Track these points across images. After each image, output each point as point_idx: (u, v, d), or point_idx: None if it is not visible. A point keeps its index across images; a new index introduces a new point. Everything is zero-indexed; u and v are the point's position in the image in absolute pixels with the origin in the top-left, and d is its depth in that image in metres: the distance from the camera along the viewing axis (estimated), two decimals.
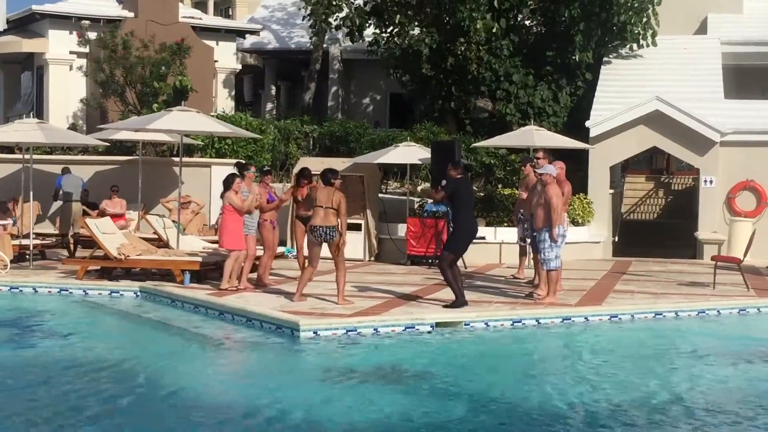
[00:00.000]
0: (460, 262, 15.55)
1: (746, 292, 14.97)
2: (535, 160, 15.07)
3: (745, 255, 15.95)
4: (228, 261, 14.36)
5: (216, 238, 18.60)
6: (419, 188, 19.45)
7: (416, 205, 19.99)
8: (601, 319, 13.21)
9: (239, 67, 30.36)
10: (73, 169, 21.23)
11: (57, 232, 19.55)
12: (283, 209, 16.30)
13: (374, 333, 11.87)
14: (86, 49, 26.20)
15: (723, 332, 13.10)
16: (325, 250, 13.26)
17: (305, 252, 15.67)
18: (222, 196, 14.43)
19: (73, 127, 25.10)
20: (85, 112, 26.70)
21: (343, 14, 25.10)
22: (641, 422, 8.39)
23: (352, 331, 11.80)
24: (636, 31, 23.32)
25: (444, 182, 13.46)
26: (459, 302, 12.94)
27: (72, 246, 18.51)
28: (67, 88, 26.73)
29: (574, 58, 23.13)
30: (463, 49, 22.82)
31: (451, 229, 14.49)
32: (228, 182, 14.34)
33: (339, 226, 13.03)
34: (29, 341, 11.76)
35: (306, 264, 13.80)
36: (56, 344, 11.60)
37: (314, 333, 11.61)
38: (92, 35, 26.16)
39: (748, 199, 20.67)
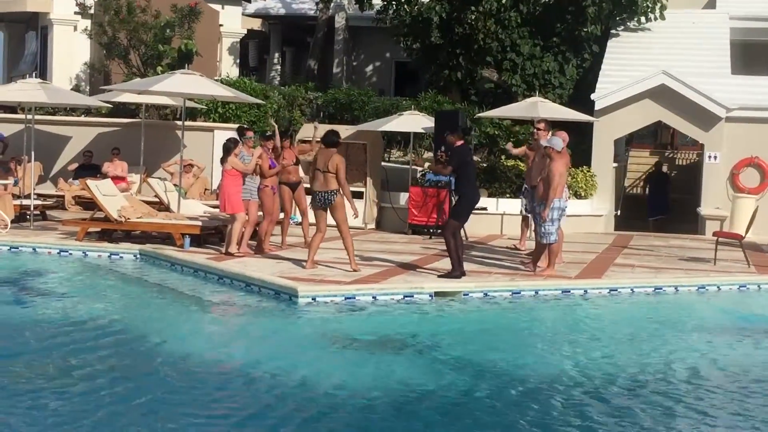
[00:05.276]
0: (461, 233, 15.57)
1: (747, 269, 14.94)
2: (535, 131, 15.01)
3: (747, 231, 15.92)
4: (235, 225, 14.30)
5: (217, 202, 18.63)
6: (426, 165, 19.38)
7: (419, 174, 19.93)
8: (600, 292, 13.19)
9: (244, 31, 30.17)
10: (75, 131, 21.16)
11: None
12: None
13: (373, 301, 11.87)
14: (91, 10, 26.00)
15: (722, 308, 13.08)
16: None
17: (297, 219, 15.65)
18: (222, 161, 14.36)
19: (76, 89, 24.98)
20: (88, 73, 26.56)
21: None
22: (631, 394, 8.40)
23: (350, 298, 11.80)
24: (645, 5, 23.14)
25: (443, 148, 13.33)
26: (455, 273, 12.88)
27: None
28: (71, 49, 26.55)
29: (584, 30, 22.96)
30: (473, 18, 22.65)
31: (454, 197, 14.41)
32: (228, 147, 14.28)
33: (339, 190, 12.82)
34: (27, 300, 11.76)
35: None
36: (54, 304, 11.60)
37: (312, 299, 11.61)
38: None
39: (752, 175, 20.59)
